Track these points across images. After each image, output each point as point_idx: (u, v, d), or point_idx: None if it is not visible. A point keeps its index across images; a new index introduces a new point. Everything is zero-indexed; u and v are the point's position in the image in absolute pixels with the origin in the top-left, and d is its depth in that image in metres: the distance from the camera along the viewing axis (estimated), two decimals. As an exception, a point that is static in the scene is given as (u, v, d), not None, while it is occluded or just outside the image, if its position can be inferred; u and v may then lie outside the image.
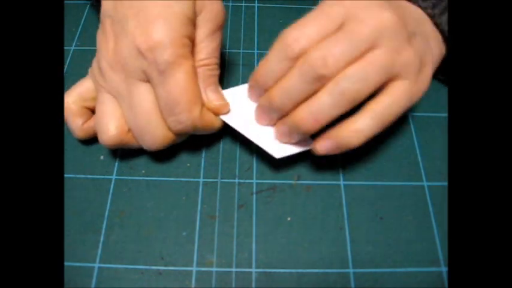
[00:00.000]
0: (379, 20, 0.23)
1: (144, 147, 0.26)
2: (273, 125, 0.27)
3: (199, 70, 0.26)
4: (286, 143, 0.27)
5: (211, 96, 0.26)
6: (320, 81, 0.23)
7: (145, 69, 0.23)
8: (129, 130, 0.26)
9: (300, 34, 0.23)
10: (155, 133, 0.24)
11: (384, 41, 0.23)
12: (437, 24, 0.26)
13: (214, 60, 0.26)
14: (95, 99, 0.27)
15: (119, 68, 0.24)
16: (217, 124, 0.27)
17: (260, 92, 0.26)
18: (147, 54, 0.22)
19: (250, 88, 0.27)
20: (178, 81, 0.23)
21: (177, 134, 0.25)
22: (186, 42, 0.23)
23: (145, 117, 0.24)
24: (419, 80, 0.24)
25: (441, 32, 0.27)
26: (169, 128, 0.25)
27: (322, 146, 0.25)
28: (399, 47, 0.23)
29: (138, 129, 0.25)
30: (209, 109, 0.26)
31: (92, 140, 0.29)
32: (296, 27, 0.24)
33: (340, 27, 0.23)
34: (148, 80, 0.24)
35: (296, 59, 0.23)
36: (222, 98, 0.27)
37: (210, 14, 0.25)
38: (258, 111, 0.27)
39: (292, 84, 0.23)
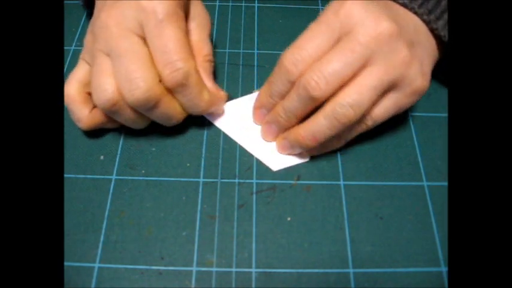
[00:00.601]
0: (376, 32, 0.23)
1: (129, 97, 0.24)
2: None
3: (206, 64, 0.28)
4: (286, 154, 0.29)
5: (217, 85, 0.29)
6: (316, 102, 0.24)
7: (143, 20, 0.24)
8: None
9: (297, 57, 0.24)
10: (143, 78, 0.23)
11: (379, 56, 0.23)
12: (433, 30, 0.26)
13: (213, 58, 0.29)
14: None
15: (113, 22, 0.24)
16: (206, 97, 0.26)
17: (265, 112, 0.28)
18: (146, 5, 0.23)
19: (256, 110, 0.29)
20: (175, 32, 0.24)
21: (163, 95, 0.24)
22: (181, 7, 0.25)
23: (135, 61, 0.24)
24: (413, 91, 0.25)
25: (437, 37, 0.27)
26: (165, 78, 0.24)
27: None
28: (396, 60, 0.23)
29: (126, 74, 0.23)
30: (217, 97, 0.29)
31: (92, 140, 0.29)
32: (294, 49, 0.25)
33: (337, 41, 0.24)
34: (142, 35, 0.24)
35: (295, 81, 0.25)
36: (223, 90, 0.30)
37: (205, 19, 0.29)
38: (265, 128, 0.28)
39: (293, 104, 0.25)
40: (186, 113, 0.27)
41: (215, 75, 0.32)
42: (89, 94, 0.27)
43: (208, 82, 0.28)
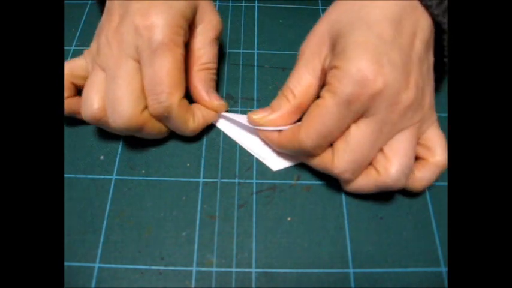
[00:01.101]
0: (399, 108, 0.23)
1: (111, 122, 0.25)
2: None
3: (202, 73, 0.28)
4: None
5: (212, 96, 0.28)
6: None
7: (140, 46, 0.24)
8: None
9: (321, 143, 0.24)
10: (126, 107, 0.24)
11: (405, 122, 0.24)
12: (433, 16, 0.25)
13: (214, 65, 0.29)
14: (84, 78, 0.27)
15: (115, 43, 0.25)
16: (191, 126, 0.27)
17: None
18: (143, 32, 0.23)
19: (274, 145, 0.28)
20: (166, 63, 0.24)
21: (146, 122, 0.25)
22: (180, 32, 0.24)
23: (123, 88, 0.24)
24: (435, 123, 0.26)
25: (440, 30, 0.26)
26: (149, 107, 0.25)
27: None
28: (420, 116, 0.24)
29: (113, 99, 0.24)
30: (211, 108, 0.28)
31: (92, 140, 0.29)
32: (315, 134, 0.23)
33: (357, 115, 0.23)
34: (139, 59, 0.24)
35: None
36: (221, 99, 0.29)
37: (210, 24, 0.28)
38: None
39: (320, 168, 0.26)
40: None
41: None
42: (74, 85, 0.28)
43: (202, 91, 0.28)
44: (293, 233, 0.26)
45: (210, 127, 0.30)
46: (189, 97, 0.28)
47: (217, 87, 0.32)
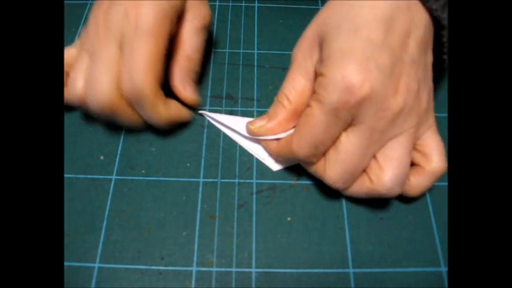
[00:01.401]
0: (388, 115, 0.22)
1: (88, 103, 0.25)
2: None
3: (183, 63, 0.28)
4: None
5: (187, 87, 0.28)
6: None
7: (125, 31, 0.24)
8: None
9: (313, 152, 0.24)
10: (105, 88, 0.24)
11: (396, 130, 0.23)
12: (431, 11, 0.23)
13: (198, 55, 0.28)
14: None
15: (103, 26, 0.25)
16: (162, 113, 0.26)
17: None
18: (131, 17, 0.24)
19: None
20: (145, 50, 0.24)
21: (122, 107, 0.25)
22: (167, 23, 0.24)
23: (103, 69, 0.24)
24: (432, 127, 0.26)
25: (439, 26, 0.26)
26: (122, 87, 0.24)
27: None
28: (412, 123, 0.23)
29: (93, 79, 0.24)
30: (182, 98, 0.28)
31: (92, 140, 0.29)
32: (305, 143, 0.23)
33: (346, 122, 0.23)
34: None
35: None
36: (195, 92, 0.29)
37: (198, 13, 0.28)
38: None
39: (312, 172, 0.26)
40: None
41: (204, 75, 0.32)
42: (65, 73, 0.28)
43: (177, 79, 0.28)
44: (293, 233, 0.26)
45: (210, 127, 0.30)
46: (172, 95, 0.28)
47: (212, 84, 0.32)
